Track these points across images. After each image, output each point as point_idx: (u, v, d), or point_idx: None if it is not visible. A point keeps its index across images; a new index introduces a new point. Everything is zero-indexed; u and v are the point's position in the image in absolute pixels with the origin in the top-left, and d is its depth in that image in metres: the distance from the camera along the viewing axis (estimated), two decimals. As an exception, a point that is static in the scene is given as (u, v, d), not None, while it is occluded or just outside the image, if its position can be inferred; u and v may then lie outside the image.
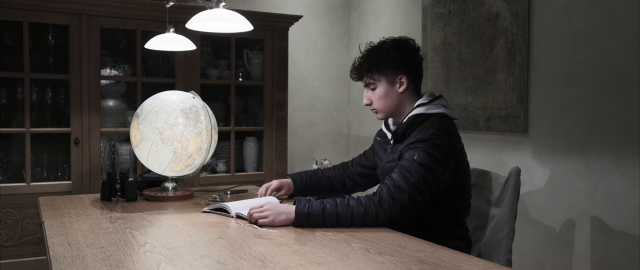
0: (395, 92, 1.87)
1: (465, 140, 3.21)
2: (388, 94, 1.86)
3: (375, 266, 1.31)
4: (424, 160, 1.67)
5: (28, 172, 3.04)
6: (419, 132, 1.74)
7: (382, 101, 1.88)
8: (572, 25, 2.54)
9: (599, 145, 2.42)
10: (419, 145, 1.71)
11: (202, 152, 2.17)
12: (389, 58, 1.86)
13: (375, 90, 1.88)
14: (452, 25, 3.20)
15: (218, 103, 3.61)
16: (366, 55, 1.89)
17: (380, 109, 1.90)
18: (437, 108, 1.82)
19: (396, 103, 1.88)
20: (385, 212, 1.65)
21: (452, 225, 1.84)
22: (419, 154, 1.68)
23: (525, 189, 2.65)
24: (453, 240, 1.80)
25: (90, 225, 1.74)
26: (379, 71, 1.86)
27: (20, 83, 3.11)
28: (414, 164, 1.68)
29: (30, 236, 3.03)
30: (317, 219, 1.65)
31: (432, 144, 1.69)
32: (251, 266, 1.30)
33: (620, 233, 2.33)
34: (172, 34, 2.65)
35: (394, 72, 1.86)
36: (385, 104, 1.88)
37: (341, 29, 4.33)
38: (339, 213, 1.65)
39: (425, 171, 1.67)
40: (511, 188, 1.89)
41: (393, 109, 1.89)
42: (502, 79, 2.86)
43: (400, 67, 1.86)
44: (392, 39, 1.91)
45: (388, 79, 1.86)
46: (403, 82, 1.86)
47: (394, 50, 1.87)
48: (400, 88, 1.86)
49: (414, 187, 1.65)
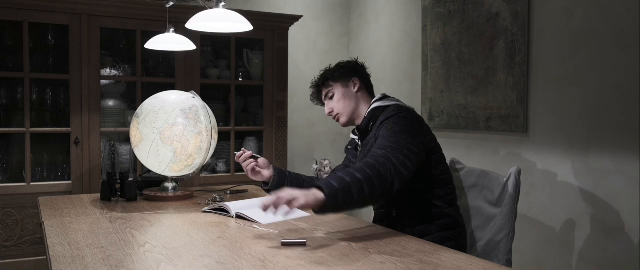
0: (351, 92, 2.04)
1: (466, 140, 3.24)
2: (345, 96, 2.03)
3: (375, 266, 1.31)
4: (396, 128, 1.78)
5: (28, 172, 3.04)
6: (383, 117, 1.88)
7: (341, 103, 2.03)
8: (572, 25, 2.54)
9: (599, 145, 2.42)
10: (384, 123, 1.83)
11: (202, 152, 2.17)
12: (338, 69, 2.07)
13: (334, 97, 2.05)
14: (452, 25, 3.20)
15: (218, 103, 3.61)
16: (319, 77, 2.10)
17: (341, 112, 2.04)
18: (392, 101, 1.98)
19: (354, 103, 2.03)
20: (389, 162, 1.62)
21: (441, 203, 1.88)
22: (389, 126, 1.80)
23: (525, 189, 2.64)
24: (445, 230, 1.85)
25: (90, 225, 1.74)
26: (333, 79, 2.04)
27: (20, 83, 3.11)
28: (388, 133, 1.77)
29: (30, 236, 3.03)
30: (347, 193, 1.50)
31: (397, 117, 1.83)
32: (251, 266, 1.30)
33: (620, 233, 2.33)
34: (172, 34, 2.65)
35: (346, 77, 2.05)
36: (345, 106, 2.03)
37: (341, 29, 4.33)
38: (361, 179, 1.54)
39: (400, 135, 1.74)
40: (511, 188, 1.89)
41: (353, 109, 2.04)
42: (502, 79, 2.86)
43: (350, 72, 2.06)
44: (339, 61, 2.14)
45: (342, 83, 2.04)
46: (356, 82, 2.04)
47: (342, 64, 2.09)
48: (355, 88, 2.03)
49: (398, 147, 1.70)
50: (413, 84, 3.59)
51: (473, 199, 2.06)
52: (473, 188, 2.07)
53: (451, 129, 3.24)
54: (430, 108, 3.39)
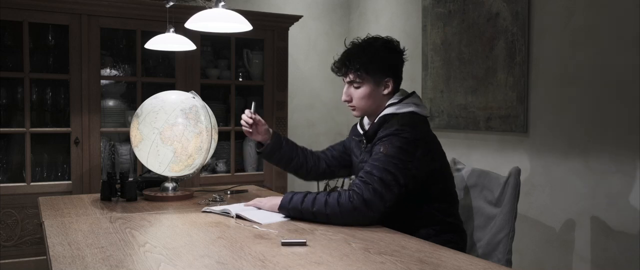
0: (379, 93, 1.86)
1: (465, 140, 3.24)
2: (371, 95, 1.86)
3: (375, 266, 1.31)
4: (389, 151, 1.71)
5: (28, 172, 3.04)
6: (384, 130, 1.79)
7: (364, 101, 1.87)
8: (572, 25, 2.54)
9: (599, 145, 2.42)
10: (385, 139, 1.75)
11: (202, 152, 2.17)
12: (379, 59, 1.83)
13: (359, 89, 1.86)
14: (452, 25, 3.20)
15: (218, 103, 3.61)
16: (355, 52, 1.85)
17: (359, 108, 1.90)
18: (407, 106, 1.84)
19: (377, 104, 1.88)
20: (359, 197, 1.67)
21: (441, 215, 1.84)
22: (385, 147, 1.72)
23: (525, 189, 2.64)
24: (446, 233, 1.82)
25: (90, 225, 1.74)
26: (368, 71, 1.83)
27: (20, 83, 3.11)
28: (381, 156, 1.71)
29: (30, 236, 3.03)
30: (297, 202, 1.75)
31: (396, 137, 1.73)
32: (251, 266, 1.30)
33: (620, 233, 2.33)
34: (172, 34, 2.65)
35: (382, 74, 1.85)
36: (366, 104, 1.88)
37: (341, 29, 4.33)
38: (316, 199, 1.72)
39: (391, 161, 1.70)
40: (511, 188, 1.89)
41: (373, 109, 1.89)
42: (502, 79, 2.86)
43: (389, 69, 1.85)
44: (382, 40, 1.88)
45: (375, 80, 1.85)
46: (389, 85, 1.86)
47: (385, 51, 1.85)
48: (385, 90, 1.86)
49: (383, 176, 1.68)
50: (413, 84, 3.59)
51: (473, 199, 2.06)
52: (473, 188, 2.07)
53: (451, 129, 3.24)
54: (430, 108, 3.39)
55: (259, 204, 1.90)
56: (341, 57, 1.89)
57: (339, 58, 1.89)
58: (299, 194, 1.77)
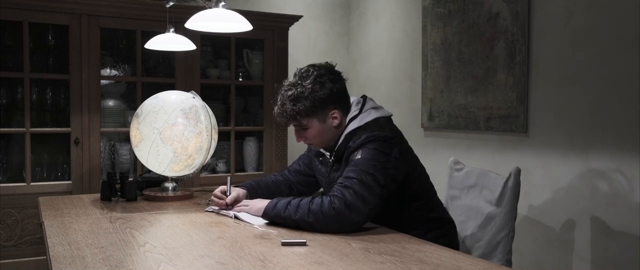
0: (329, 127, 1.82)
1: (466, 140, 3.24)
2: (322, 131, 1.82)
3: (375, 266, 1.31)
4: (365, 155, 1.69)
5: (28, 172, 3.04)
6: (353, 142, 1.75)
7: (317, 138, 1.84)
8: (572, 25, 2.54)
9: (599, 145, 2.42)
10: (358, 151, 1.72)
11: (202, 152, 2.17)
12: (315, 100, 1.77)
13: (308, 130, 1.82)
14: (452, 25, 3.20)
15: (218, 103, 3.61)
16: (290, 105, 1.78)
17: (317, 144, 1.87)
18: (368, 115, 1.81)
19: (332, 135, 1.84)
20: (340, 201, 1.62)
21: (423, 212, 1.84)
22: (361, 153, 1.70)
23: (525, 189, 2.64)
24: (433, 230, 1.82)
25: (90, 225, 1.74)
26: (309, 115, 1.78)
27: (20, 83, 3.11)
28: (358, 160, 1.69)
29: (30, 236, 3.03)
30: (280, 209, 1.69)
31: (370, 142, 1.71)
32: (251, 266, 1.30)
33: (620, 233, 2.33)
34: (172, 34, 2.65)
35: (324, 110, 1.79)
36: (321, 140, 1.84)
37: (341, 29, 4.33)
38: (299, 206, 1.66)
39: (369, 162, 1.68)
40: (511, 188, 1.89)
41: (331, 138, 1.85)
42: (502, 79, 2.86)
43: (330, 102, 1.79)
44: (313, 74, 1.80)
45: (319, 119, 1.80)
46: (336, 116, 1.81)
47: (319, 88, 1.77)
48: (335, 122, 1.82)
49: (362, 178, 1.65)
50: (413, 84, 3.59)
51: (473, 199, 2.06)
52: (473, 188, 2.07)
53: (451, 129, 3.24)
54: (430, 108, 3.39)
55: (245, 209, 1.86)
56: (279, 112, 1.82)
57: (279, 111, 1.82)
58: (283, 200, 1.71)
